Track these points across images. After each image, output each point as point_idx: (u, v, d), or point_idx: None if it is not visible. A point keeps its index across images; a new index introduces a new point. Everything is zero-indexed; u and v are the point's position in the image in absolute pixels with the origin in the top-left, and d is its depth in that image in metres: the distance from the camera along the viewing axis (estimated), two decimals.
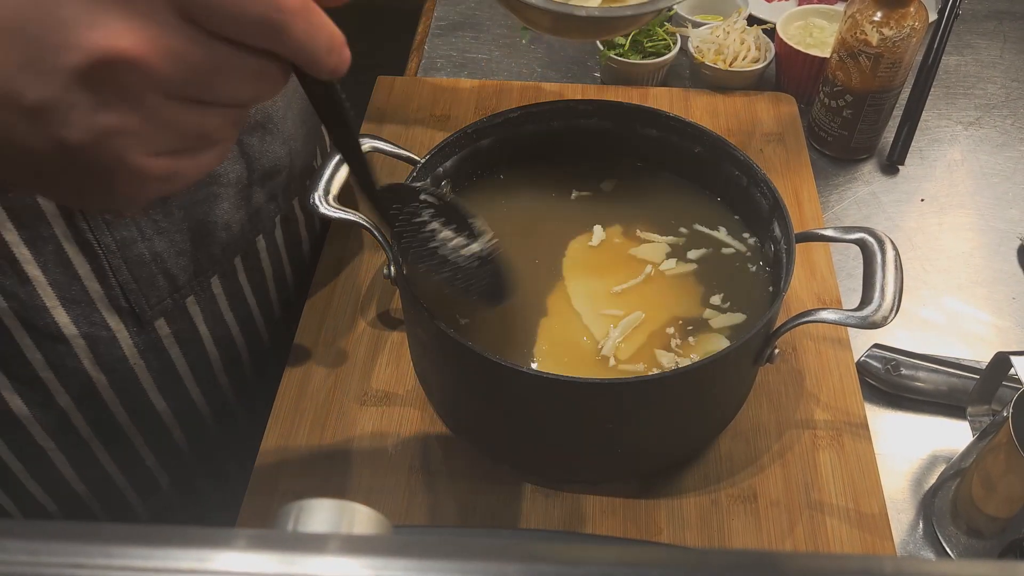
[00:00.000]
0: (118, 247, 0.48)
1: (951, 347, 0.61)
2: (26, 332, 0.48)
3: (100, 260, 0.48)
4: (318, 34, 0.26)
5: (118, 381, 0.53)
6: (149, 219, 0.49)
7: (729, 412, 0.52)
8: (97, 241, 0.47)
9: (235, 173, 0.53)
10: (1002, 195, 0.73)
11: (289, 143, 0.58)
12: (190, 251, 0.52)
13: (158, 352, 0.54)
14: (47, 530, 0.19)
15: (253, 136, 0.53)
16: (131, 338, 0.52)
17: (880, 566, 0.19)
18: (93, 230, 0.47)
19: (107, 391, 0.53)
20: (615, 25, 0.57)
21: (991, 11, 0.92)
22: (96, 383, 0.52)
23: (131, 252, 0.49)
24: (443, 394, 0.52)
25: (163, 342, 0.54)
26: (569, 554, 0.19)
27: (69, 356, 0.50)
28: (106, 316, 0.50)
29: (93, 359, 0.51)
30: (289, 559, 0.19)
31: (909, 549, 0.51)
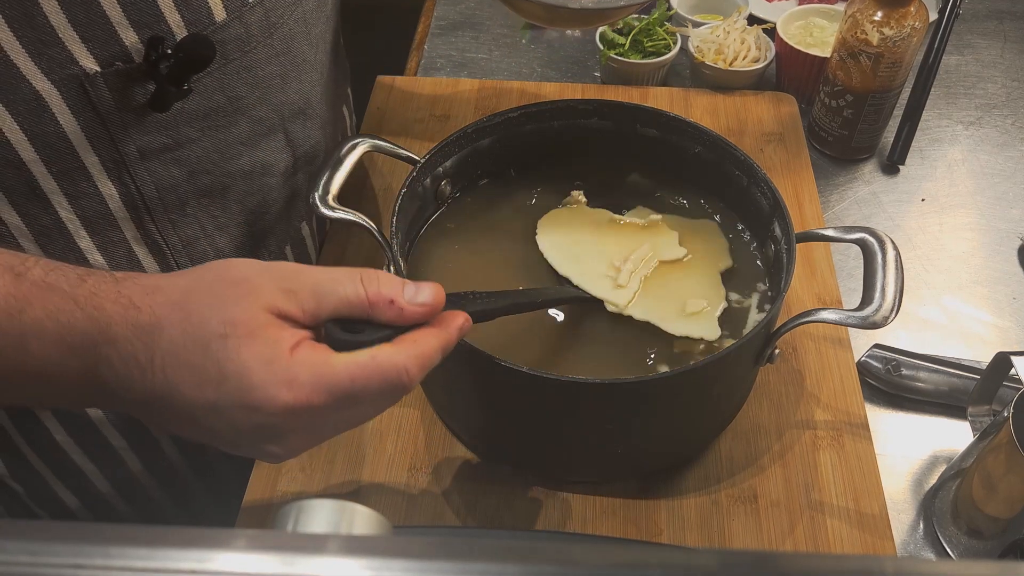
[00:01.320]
0: (183, 246, 0.50)
1: (951, 347, 0.61)
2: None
3: (168, 259, 0.49)
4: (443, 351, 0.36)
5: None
6: (209, 215, 0.50)
7: (729, 412, 0.52)
8: (165, 241, 0.48)
9: (284, 162, 0.54)
10: (1002, 195, 0.73)
11: (324, 127, 0.59)
12: (248, 244, 0.54)
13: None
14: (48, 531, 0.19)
15: (295, 123, 0.53)
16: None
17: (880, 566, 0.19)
18: (161, 231, 0.48)
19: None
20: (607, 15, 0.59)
21: (991, 11, 0.92)
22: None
23: (195, 250, 0.50)
24: (443, 394, 0.52)
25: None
26: (569, 555, 0.19)
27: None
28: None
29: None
30: (289, 559, 0.19)
31: (909, 549, 0.51)
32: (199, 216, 0.50)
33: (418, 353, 0.34)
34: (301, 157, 0.56)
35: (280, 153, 0.53)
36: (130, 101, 0.42)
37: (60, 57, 0.39)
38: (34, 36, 0.38)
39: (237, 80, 0.47)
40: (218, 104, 0.46)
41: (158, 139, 0.45)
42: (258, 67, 0.48)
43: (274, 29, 0.48)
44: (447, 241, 0.56)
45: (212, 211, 0.50)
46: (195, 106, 0.45)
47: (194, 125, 0.46)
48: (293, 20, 0.49)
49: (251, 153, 0.50)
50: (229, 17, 0.44)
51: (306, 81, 0.53)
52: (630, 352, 0.50)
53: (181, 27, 0.43)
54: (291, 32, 0.50)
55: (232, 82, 0.46)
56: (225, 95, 0.46)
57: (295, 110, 0.53)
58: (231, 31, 0.45)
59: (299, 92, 0.52)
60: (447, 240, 0.56)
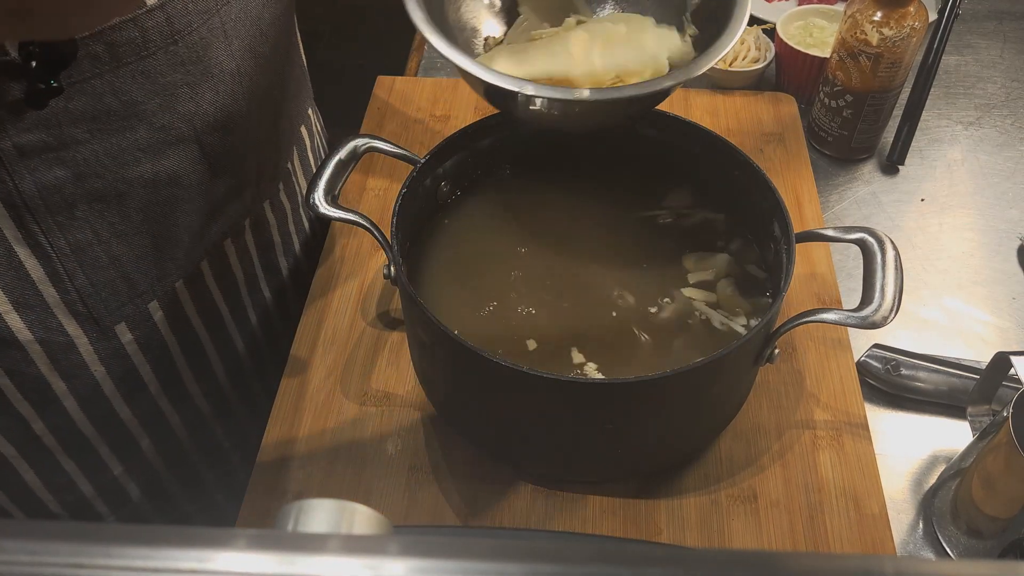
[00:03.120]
0: (72, 250, 0.47)
1: (951, 347, 0.61)
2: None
3: (54, 264, 0.47)
4: None
5: (79, 388, 0.52)
6: (105, 221, 0.48)
7: (729, 412, 0.52)
8: (50, 244, 0.46)
9: (196, 175, 0.51)
10: (1002, 195, 0.73)
11: (260, 147, 0.56)
12: (151, 255, 0.51)
13: (121, 359, 0.53)
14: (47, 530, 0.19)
15: (214, 135, 0.51)
16: (91, 344, 0.51)
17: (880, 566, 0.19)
18: (45, 232, 0.46)
19: (68, 398, 0.52)
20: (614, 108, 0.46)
21: (991, 11, 0.92)
22: (55, 390, 0.51)
23: (87, 256, 0.48)
24: (443, 394, 0.52)
25: (126, 348, 0.53)
26: (569, 554, 0.19)
27: (25, 362, 0.49)
28: (63, 321, 0.49)
29: (51, 365, 0.50)
30: (289, 559, 0.19)
31: (909, 549, 0.51)
32: (91, 220, 0.47)
33: None
34: (221, 172, 0.53)
35: (193, 164, 0.51)
36: (5, 95, 0.41)
37: None
38: None
39: (132, 84, 0.45)
40: (109, 107, 0.45)
41: (38, 137, 0.43)
42: (159, 74, 0.46)
43: (179, 36, 0.46)
44: (447, 241, 0.56)
45: (107, 217, 0.48)
46: (82, 106, 0.44)
47: (80, 126, 0.44)
48: (207, 29, 0.47)
49: (154, 161, 0.48)
50: (122, 19, 0.43)
51: (224, 93, 0.50)
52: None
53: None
54: (203, 41, 0.47)
55: (126, 86, 0.45)
56: (118, 99, 0.45)
57: (211, 122, 0.50)
58: (124, 33, 0.43)
59: (215, 104, 0.50)
60: (447, 240, 0.56)
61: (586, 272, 0.54)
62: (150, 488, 0.61)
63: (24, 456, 0.54)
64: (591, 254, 0.55)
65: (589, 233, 0.57)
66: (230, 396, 0.64)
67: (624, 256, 0.55)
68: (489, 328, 0.51)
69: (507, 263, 0.55)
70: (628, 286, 0.53)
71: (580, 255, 0.55)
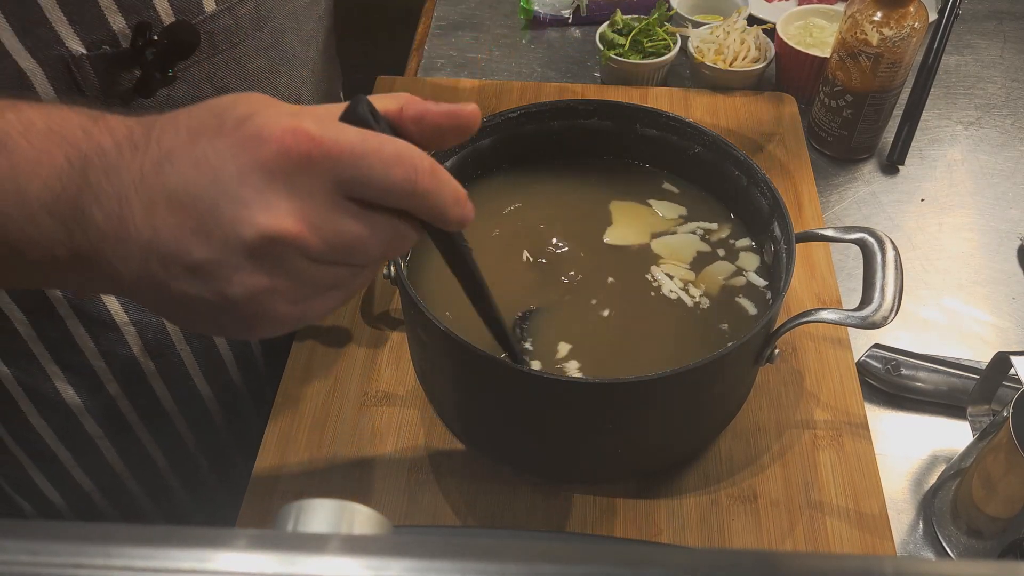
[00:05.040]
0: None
1: (951, 347, 0.61)
2: (79, 320, 0.49)
3: None
4: (445, 190, 0.30)
5: (164, 366, 0.54)
6: None
7: (729, 412, 0.52)
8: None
9: None
10: (1002, 195, 0.73)
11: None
12: None
13: (202, 335, 0.55)
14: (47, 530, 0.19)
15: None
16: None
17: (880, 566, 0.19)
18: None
19: (155, 377, 0.54)
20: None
21: (991, 11, 0.92)
22: (144, 369, 0.53)
23: None
24: (443, 394, 0.52)
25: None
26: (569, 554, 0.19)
27: (120, 343, 0.51)
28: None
29: (142, 346, 0.52)
30: (289, 559, 0.19)
31: (909, 549, 0.51)
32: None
33: (435, 168, 0.30)
34: None
35: None
36: (116, 85, 0.42)
37: (47, 37, 0.39)
38: (22, 14, 0.38)
39: (226, 71, 0.47)
40: (206, 94, 0.46)
41: None
42: (247, 60, 0.48)
43: (264, 23, 0.48)
44: None
45: None
46: (182, 94, 0.45)
47: None
48: (283, 15, 0.49)
49: None
50: (219, 8, 0.45)
51: (296, 77, 0.53)
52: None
53: (169, 14, 0.43)
54: (281, 27, 0.50)
55: (221, 73, 0.46)
56: (213, 86, 0.46)
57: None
58: (220, 22, 0.45)
59: (289, 88, 0.52)
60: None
61: (586, 272, 0.54)
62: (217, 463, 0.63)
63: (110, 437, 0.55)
64: (591, 254, 0.55)
65: (589, 233, 0.57)
66: (241, 392, 0.64)
67: (624, 256, 0.55)
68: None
69: (507, 263, 0.55)
70: (628, 286, 0.53)
71: (580, 255, 0.55)
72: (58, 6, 0.39)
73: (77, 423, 0.54)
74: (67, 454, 0.55)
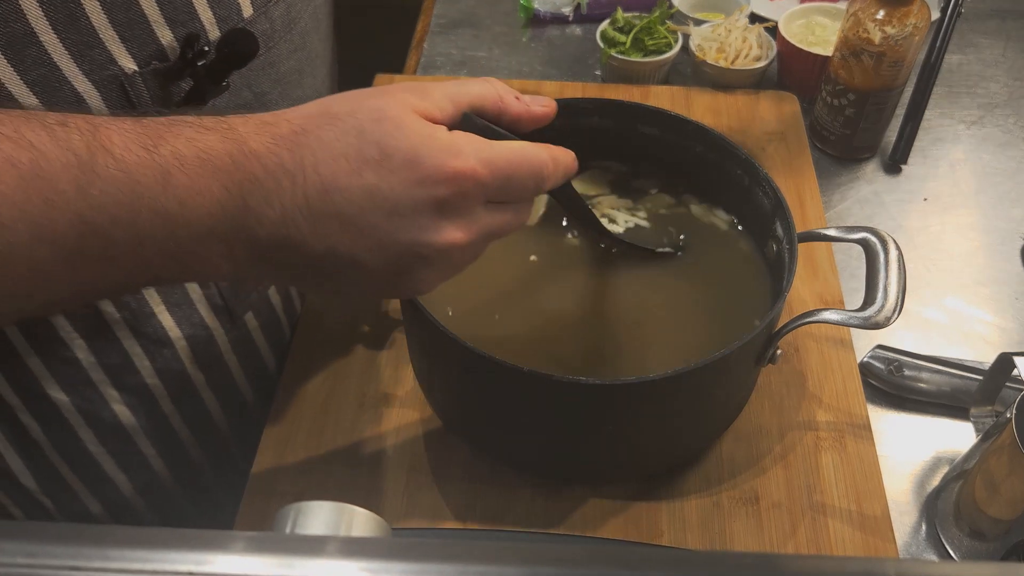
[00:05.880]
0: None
1: (954, 348, 0.61)
2: (136, 340, 0.49)
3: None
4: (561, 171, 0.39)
5: (214, 378, 0.54)
6: None
7: (730, 413, 0.52)
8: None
9: None
10: (1005, 194, 0.73)
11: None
12: None
13: (246, 344, 0.55)
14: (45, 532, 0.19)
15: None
16: (225, 335, 0.53)
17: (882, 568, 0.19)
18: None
19: (205, 390, 0.54)
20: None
21: (994, 9, 0.92)
22: (195, 382, 0.53)
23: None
24: (442, 395, 0.52)
25: (251, 335, 0.55)
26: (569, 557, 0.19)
27: (174, 359, 0.51)
28: (204, 315, 0.51)
29: (193, 359, 0.52)
30: (287, 562, 0.19)
31: (912, 551, 0.51)
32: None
33: (553, 156, 0.37)
34: None
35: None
36: (167, 99, 0.43)
37: (101, 58, 0.40)
38: (77, 38, 0.38)
39: (262, 76, 0.47)
40: (246, 100, 0.46)
41: None
42: (280, 62, 0.48)
43: (293, 24, 0.48)
44: None
45: None
46: (224, 102, 0.45)
47: None
48: (308, 15, 0.50)
49: None
50: (256, 13, 0.45)
51: (318, 77, 0.53)
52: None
53: (213, 24, 0.43)
54: (306, 27, 0.50)
55: (258, 78, 0.47)
56: (252, 91, 0.47)
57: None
58: (258, 26, 0.45)
59: (313, 87, 0.53)
60: None
61: (586, 272, 0.54)
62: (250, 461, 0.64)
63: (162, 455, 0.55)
64: (591, 254, 0.55)
65: (589, 233, 0.56)
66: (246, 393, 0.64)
67: (624, 256, 0.55)
68: (489, 328, 0.51)
69: (507, 263, 0.55)
70: (629, 286, 0.53)
71: (579, 254, 0.55)
72: (111, 25, 0.39)
73: (133, 445, 0.53)
74: (122, 476, 0.55)
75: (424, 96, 0.34)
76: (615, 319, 0.52)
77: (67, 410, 0.50)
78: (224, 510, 0.62)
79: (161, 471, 0.56)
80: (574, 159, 0.40)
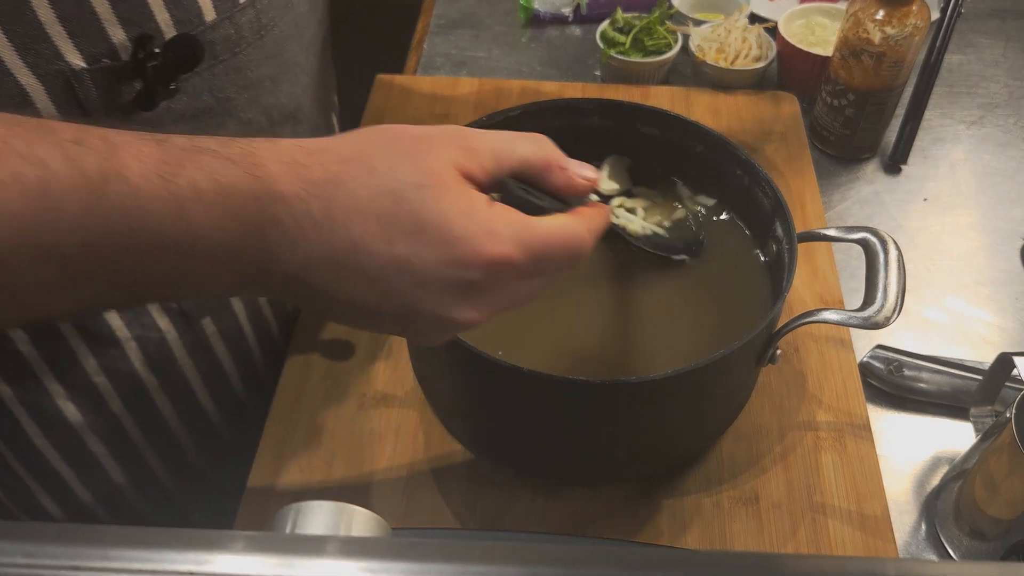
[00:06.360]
0: None
1: (954, 348, 0.61)
2: (81, 338, 0.49)
3: None
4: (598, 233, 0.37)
5: (168, 383, 0.54)
6: None
7: (730, 413, 0.52)
8: None
9: None
10: (1005, 194, 0.73)
11: (315, 133, 0.58)
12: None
13: (204, 350, 0.54)
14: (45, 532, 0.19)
15: (285, 127, 0.53)
16: (180, 338, 0.52)
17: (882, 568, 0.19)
18: None
19: (158, 393, 0.54)
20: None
21: (994, 9, 0.92)
22: (147, 384, 0.53)
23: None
24: (442, 395, 0.52)
25: (209, 340, 0.54)
26: (569, 557, 0.19)
27: (122, 359, 0.51)
28: (156, 317, 0.51)
29: (144, 360, 0.52)
30: (287, 561, 0.19)
31: (911, 551, 0.51)
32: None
33: (591, 227, 0.35)
34: None
35: None
36: (116, 99, 0.42)
37: (47, 53, 0.39)
38: (23, 31, 0.38)
39: (227, 81, 0.46)
40: (207, 105, 0.46)
41: None
42: (248, 69, 0.47)
43: (265, 31, 0.47)
44: None
45: None
46: (183, 106, 0.45)
47: (181, 125, 0.45)
48: (285, 23, 0.49)
49: None
50: (219, 17, 0.44)
51: (297, 85, 0.53)
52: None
53: (170, 26, 0.42)
54: (283, 35, 0.49)
55: (222, 83, 0.46)
56: (214, 96, 0.46)
57: (285, 114, 0.52)
58: (221, 31, 0.44)
59: (290, 96, 0.52)
60: None
61: (586, 273, 0.54)
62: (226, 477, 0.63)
63: (114, 455, 0.55)
64: (590, 257, 0.55)
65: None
66: (239, 393, 0.64)
67: (625, 256, 0.55)
68: (488, 328, 0.51)
69: None
70: (629, 286, 0.53)
71: None
72: (58, 21, 0.38)
73: (81, 442, 0.53)
74: (70, 472, 0.55)
75: (470, 152, 0.33)
76: (615, 319, 0.52)
77: (10, 401, 0.50)
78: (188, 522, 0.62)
79: (113, 472, 0.56)
80: (607, 216, 0.38)
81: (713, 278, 0.54)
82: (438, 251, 0.31)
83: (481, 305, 0.33)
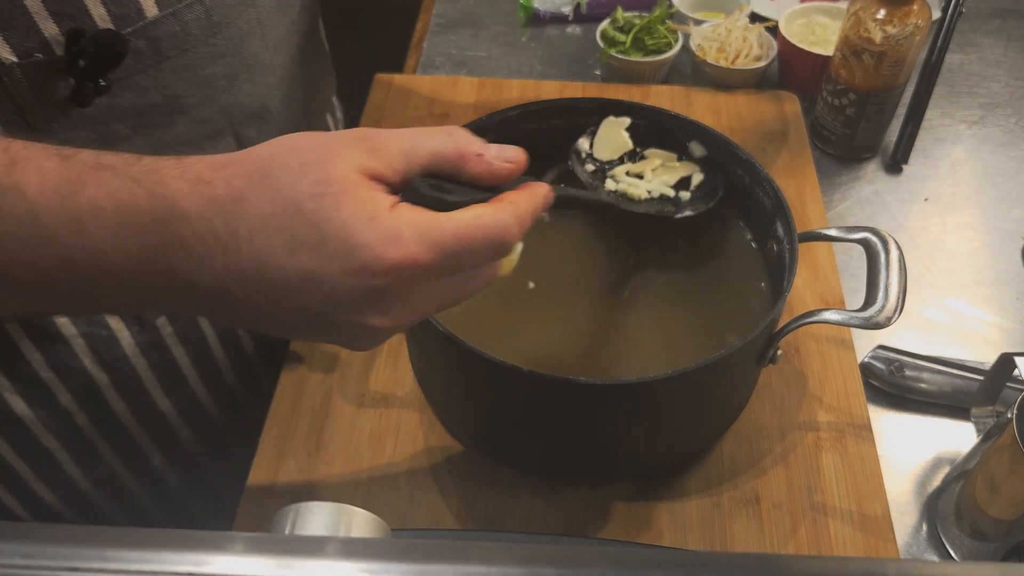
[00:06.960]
0: None
1: (955, 348, 0.61)
2: (25, 334, 0.48)
3: None
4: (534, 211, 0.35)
5: (120, 380, 0.53)
6: None
7: (731, 414, 0.52)
8: None
9: None
10: (1006, 194, 0.73)
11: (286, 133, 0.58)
12: None
13: (161, 351, 0.54)
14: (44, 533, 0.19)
15: (250, 127, 0.52)
16: (132, 337, 0.52)
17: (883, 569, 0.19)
18: None
19: (109, 390, 0.53)
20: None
21: (995, 9, 0.92)
22: (97, 382, 0.52)
23: None
24: (442, 395, 0.52)
25: (165, 341, 0.54)
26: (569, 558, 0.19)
27: (70, 356, 0.50)
28: (106, 316, 0.50)
29: (93, 358, 0.51)
30: (286, 562, 0.19)
31: (912, 552, 0.51)
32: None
33: (517, 213, 0.33)
34: None
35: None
36: (51, 94, 0.41)
37: None
38: None
39: (175, 79, 0.45)
40: (154, 102, 0.45)
41: (84, 134, 0.43)
42: (199, 67, 0.46)
43: (218, 29, 0.46)
44: None
45: None
46: (127, 103, 0.44)
47: (125, 122, 0.44)
48: (244, 20, 0.48)
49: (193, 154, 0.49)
50: (162, 13, 0.43)
51: (260, 85, 0.51)
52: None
53: (107, 21, 0.41)
54: (240, 33, 0.48)
55: (170, 80, 0.45)
56: (162, 94, 0.45)
57: (248, 113, 0.51)
58: (165, 28, 0.43)
59: (252, 95, 0.51)
60: None
61: (586, 271, 0.54)
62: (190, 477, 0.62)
63: (68, 450, 0.54)
64: (590, 253, 0.55)
65: (589, 232, 0.56)
66: (238, 391, 0.63)
67: (625, 256, 0.55)
68: (488, 328, 0.50)
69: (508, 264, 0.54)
70: (629, 286, 0.53)
71: (579, 254, 0.55)
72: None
73: (32, 436, 0.53)
74: (24, 467, 0.54)
75: (375, 153, 0.31)
76: (615, 319, 0.52)
77: None
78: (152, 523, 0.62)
79: (69, 468, 0.55)
80: (547, 192, 0.36)
81: (713, 278, 0.54)
82: (341, 261, 0.30)
83: (397, 311, 0.32)
